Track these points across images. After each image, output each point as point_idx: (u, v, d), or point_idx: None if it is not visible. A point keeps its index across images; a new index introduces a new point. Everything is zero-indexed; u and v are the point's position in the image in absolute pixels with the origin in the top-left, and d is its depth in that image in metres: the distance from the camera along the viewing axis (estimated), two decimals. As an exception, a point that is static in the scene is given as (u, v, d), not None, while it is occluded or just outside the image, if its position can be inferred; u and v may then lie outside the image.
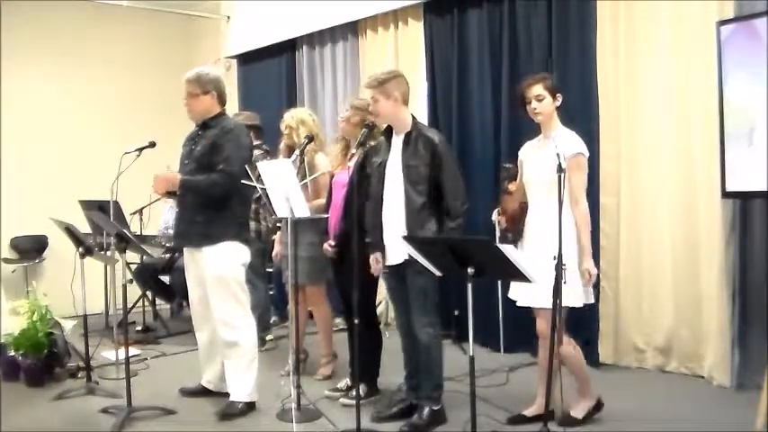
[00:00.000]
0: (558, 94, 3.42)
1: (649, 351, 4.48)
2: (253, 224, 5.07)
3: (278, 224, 4.70)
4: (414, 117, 3.58)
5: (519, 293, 3.45)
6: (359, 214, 3.62)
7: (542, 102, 3.39)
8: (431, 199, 3.44)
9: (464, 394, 3.33)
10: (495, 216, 3.58)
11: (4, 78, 6.69)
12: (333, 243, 4.03)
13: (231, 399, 3.82)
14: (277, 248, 4.71)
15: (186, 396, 4.12)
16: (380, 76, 3.53)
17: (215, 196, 3.65)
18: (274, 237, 4.84)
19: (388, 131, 3.61)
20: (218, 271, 3.71)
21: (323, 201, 4.24)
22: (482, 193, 5.16)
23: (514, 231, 3.49)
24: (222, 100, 3.85)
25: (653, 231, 4.45)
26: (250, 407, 3.83)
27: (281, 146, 4.57)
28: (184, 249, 3.94)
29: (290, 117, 4.49)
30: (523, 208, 3.49)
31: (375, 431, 3.55)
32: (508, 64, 4.96)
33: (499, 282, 4.89)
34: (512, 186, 3.73)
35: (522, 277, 2.70)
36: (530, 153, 3.53)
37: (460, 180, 3.51)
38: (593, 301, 3.51)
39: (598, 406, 3.56)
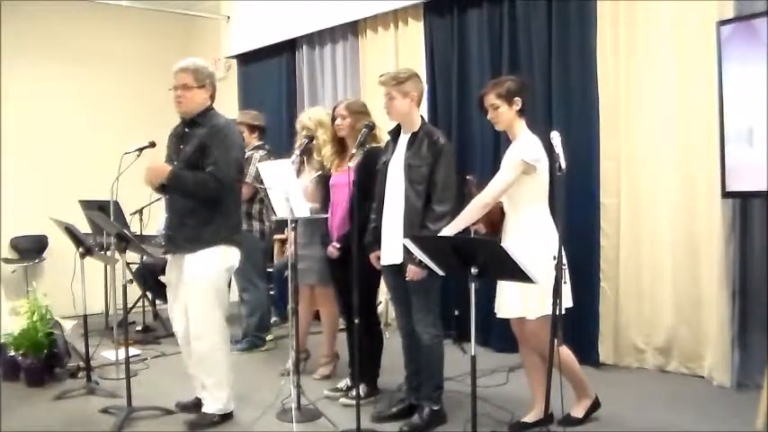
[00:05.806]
0: (515, 98, 3.27)
1: (649, 351, 4.48)
2: (257, 224, 5.07)
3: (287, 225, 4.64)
4: (423, 118, 3.58)
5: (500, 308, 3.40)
6: (361, 214, 3.61)
7: (497, 111, 3.29)
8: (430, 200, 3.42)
9: (464, 394, 3.33)
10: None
11: (4, 78, 6.69)
12: (337, 244, 3.99)
13: (204, 410, 3.65)
14: (290, 249, 4.65)
15: (182, 411, 3.83)
16: (399, 74, 3.51)
17: (200, 197, 3.47)
18: (276, 236, 4.82)
19: (396, 131, 3.61)
20: (200, 275, 3.52)
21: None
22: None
23: (495, 235, 3.38)
24: (213, 97, 3.71)
25: (653, 231, 4.45)
26: (225, 418, 3.66)
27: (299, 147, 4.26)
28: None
29: (307, 118, 4.32)
30: (504, 211, 3.42)
31: (375, 431, 3.55)
32: (508, 64, 4.95)
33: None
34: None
35: (525, 278, 2.70)
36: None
37: (452, 188, 3.43)
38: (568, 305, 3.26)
39: (596, 404, 3.56)
